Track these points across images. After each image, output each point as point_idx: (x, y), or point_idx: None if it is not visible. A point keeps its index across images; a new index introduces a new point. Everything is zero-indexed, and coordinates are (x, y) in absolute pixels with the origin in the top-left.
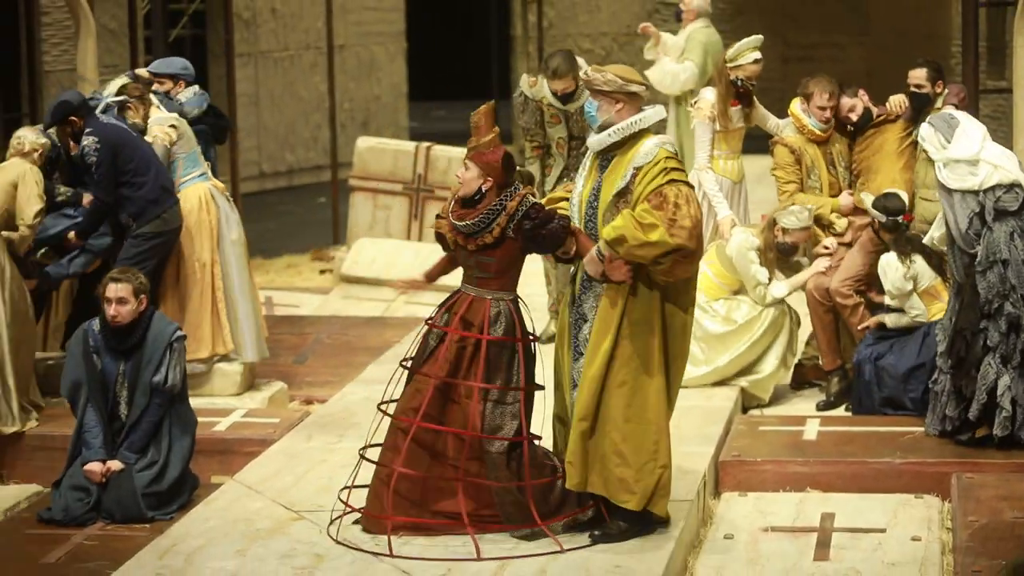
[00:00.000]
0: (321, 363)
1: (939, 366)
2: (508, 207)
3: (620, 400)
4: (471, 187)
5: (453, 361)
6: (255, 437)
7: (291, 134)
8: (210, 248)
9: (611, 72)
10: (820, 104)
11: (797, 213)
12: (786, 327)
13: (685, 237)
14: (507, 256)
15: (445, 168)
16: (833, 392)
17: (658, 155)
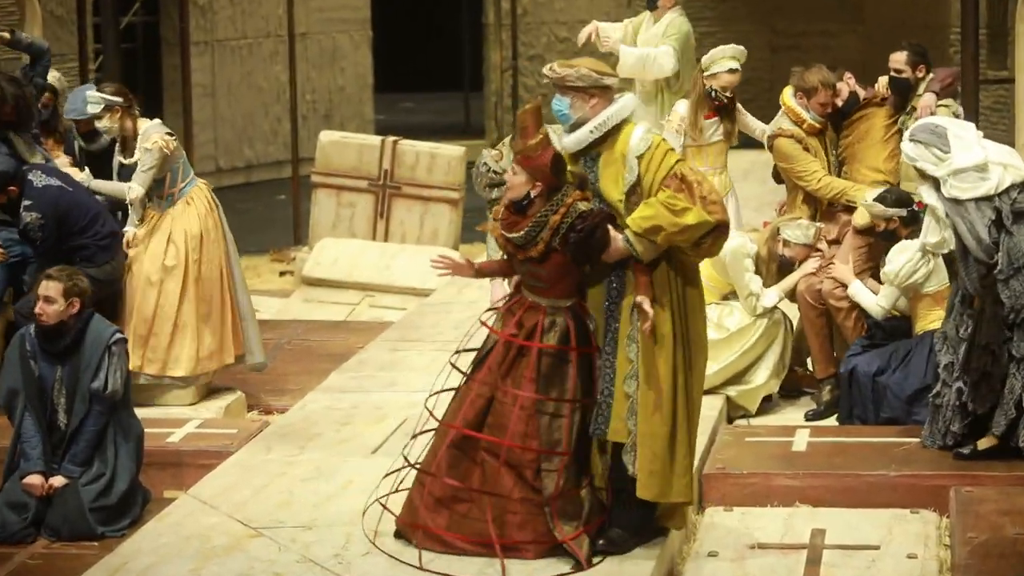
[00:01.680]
0: (281, 370)
1: (942, 378)
2: (551, 221)
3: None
4: (519, 192)
5: (503, 367)
6: (210, 449)
7: (250, 127)
8: (225, 250)
9: (582, 66)
10: (822, 100)
11: (804, 227)
12: (780, 337)
13: (721, 211)
14: (557, 268)
15: (413, 163)
16: (824, 401)
17: (654, 140)
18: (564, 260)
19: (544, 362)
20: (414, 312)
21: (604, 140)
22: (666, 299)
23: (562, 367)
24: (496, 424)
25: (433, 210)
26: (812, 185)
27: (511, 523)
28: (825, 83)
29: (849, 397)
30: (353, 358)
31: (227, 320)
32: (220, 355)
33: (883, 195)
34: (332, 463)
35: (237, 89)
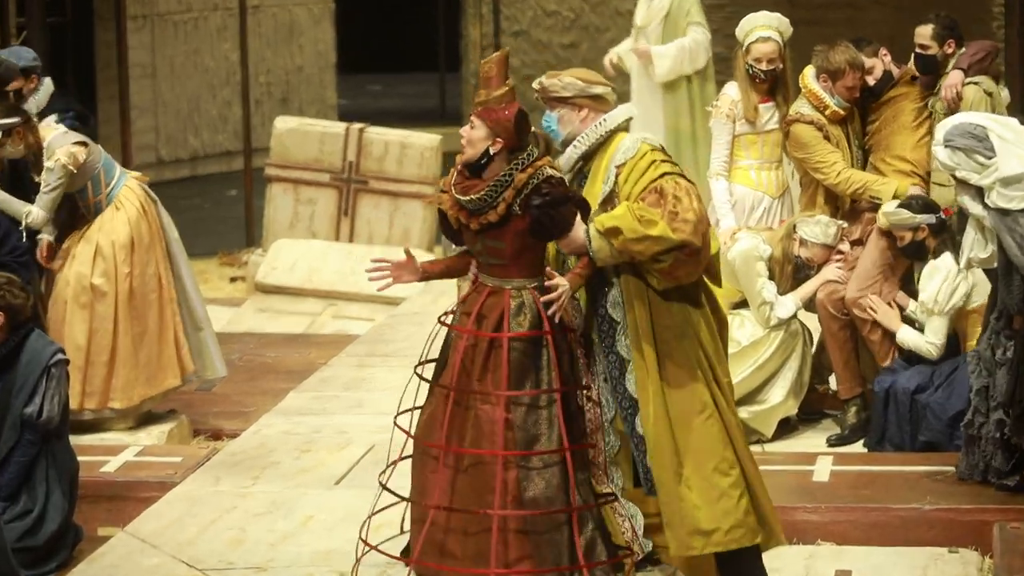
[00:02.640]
0: (232, 389)
1: (974, 404)
2: (516, 179)
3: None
4: (477, 148)
5: (469, 366)
6: (151, 480)
7: (195, 113)
8: (162, 257)
9: (568, 76)
10: (850, 84)
11: (824, 225)
12: (798, 351)
13: (689, 231)
14: (520, 237)
15: (381, 154)
16: (850, 424)
17: (640, 149)
18: (525, 229)
19: (515, 351)
20: (383, 323)
21: (594, 155)
22: (670, 320)
23: (537, 353)
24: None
25: (404, 207)
26: (830, 179)
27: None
28: (853, 64)
29: (883, 418)
30: (314, 376)
31: (167, 337)
32: (161, 378)
33: (907, 201)
34: (290, 496)
35: (181, 70)
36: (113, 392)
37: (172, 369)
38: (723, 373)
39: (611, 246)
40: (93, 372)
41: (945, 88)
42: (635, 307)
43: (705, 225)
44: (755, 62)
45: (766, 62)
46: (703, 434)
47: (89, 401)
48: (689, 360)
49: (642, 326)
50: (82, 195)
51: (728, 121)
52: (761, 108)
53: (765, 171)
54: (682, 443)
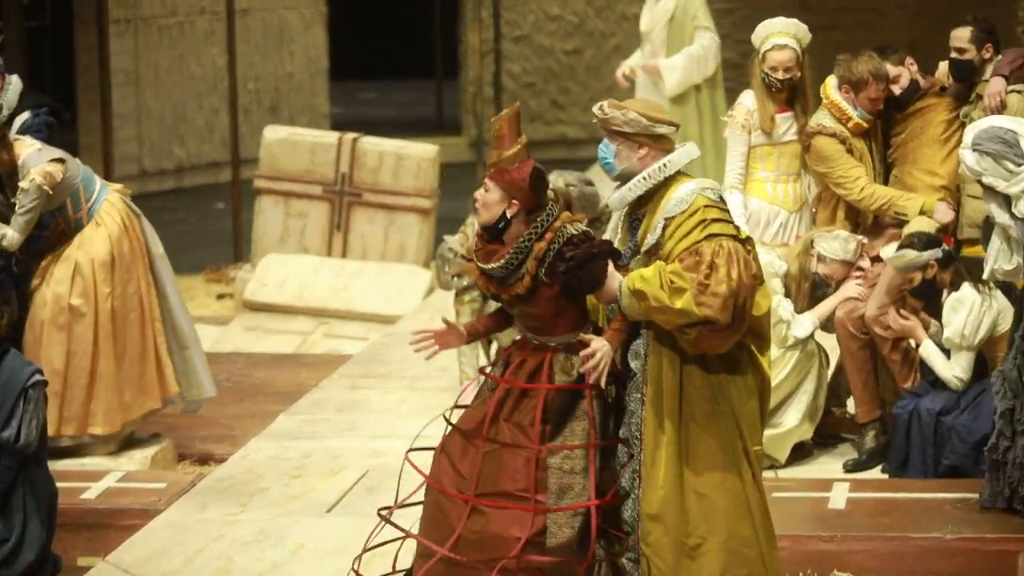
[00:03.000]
0: (219, 412)
1: (998, 427)
2: (536, 248)
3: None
4: (493, 212)
5: (501, 414)
6: (134, 507)
7: (181, 122)
8: (144, 273)
9: (633, 109)
10: (873, 96)
11: (843, 240)
12: (813, 373)
13: (717, 308)
14: (554, 302)
15: (376, 165)
16: (868, 449)
17: (695, 203)
18: (557, 292)
19: (553, 403)
20: (378, 343)
21: (651, 197)
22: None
23: (574, 406)
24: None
25: (400, 221)
26: (853, 194)
27: None
28: (877, 74)
29: (905, 442)
30: (305, 398)
31: (148, 358)
32: (141, 401)
33: (908, 241)
34: (279, 524)
35: (165, 76)
36: (93, 418)
37: (152, 391)
38: (755, 443)
39: (640, 306)
40: (72, 397)
41: (988, 96)
42: (663, 363)
43: (739, 299)
44: (771, 70)
45: (783, 71)
46: (717, 505)
47: (67, 427)
48: (716, 427)
49: (668, 384)
50: (61, 212)
51: (743, 132)
52: (778, 118)
53: (782, 184)
54: (693, 513)
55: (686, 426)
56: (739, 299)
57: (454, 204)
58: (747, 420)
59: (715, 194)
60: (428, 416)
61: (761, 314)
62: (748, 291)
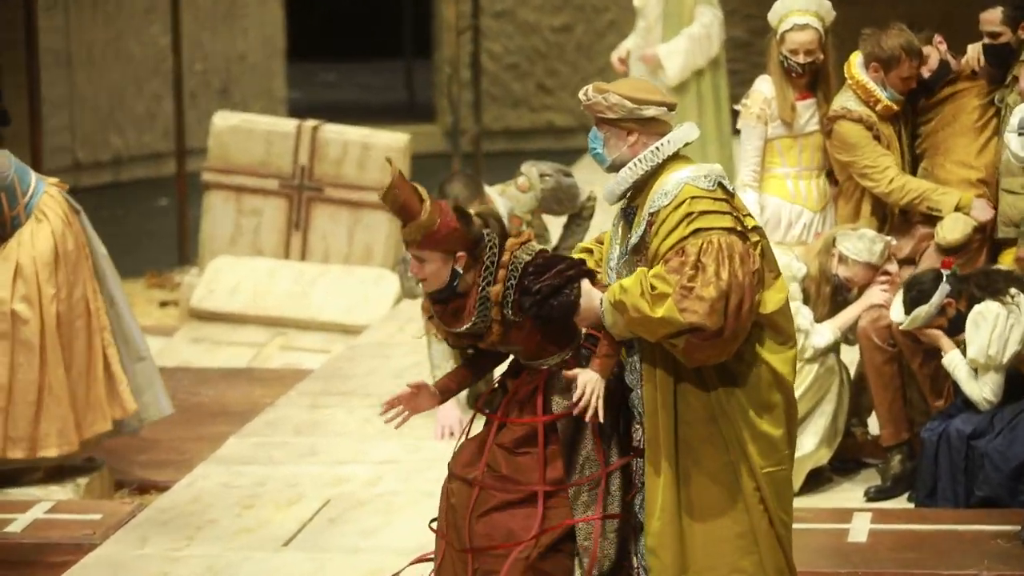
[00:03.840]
0: (161, 434)
1: None
2: (493, 294)
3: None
4: (442, 278)
5: (496, 455)
6: (65, 542)
7: (119, 109)
8: (90, 276)
9: (617, 92)
10: (906, 74)
11: (868, 240)
12: (833, 391)
13: (702, 313)
14: (535, 332)
15: (339, 156)
16: (893, 475)
17: (681, 194)
18: (532, 326)
19: (555, 431)
20: (341, 356)
21: (644, 186)
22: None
23: (580, 428)
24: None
25: (366, 220)
26: (881, 186)
27: None
28: (910, 50)
29: (933, 468)
30: (258, 418)
31: (95, 373)
32: (90, 421)
33: (911, 295)
34: (230, 560)
35: (101, 57)
36: (45, 438)
37: (101, 411)
38: (770, 463)
39: (623, 321)
40: (18, 414)
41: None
42: (656, 379)
43: (731, 301)
44: (791, 53)
45: (803, 53)
46: (718, 536)
47: (14, 450)
48: (715, 449)
49: (662, 402)
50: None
51: (759, 123)
52: (799, 106)
53: (804, 180)
54: (690, 542)
55: (683, 449)
56: (731, 301)
57: None
58: (758, 439)
59: (709, 181)
60: (396, 438)
61: (775, 309)
62: (745, 291)
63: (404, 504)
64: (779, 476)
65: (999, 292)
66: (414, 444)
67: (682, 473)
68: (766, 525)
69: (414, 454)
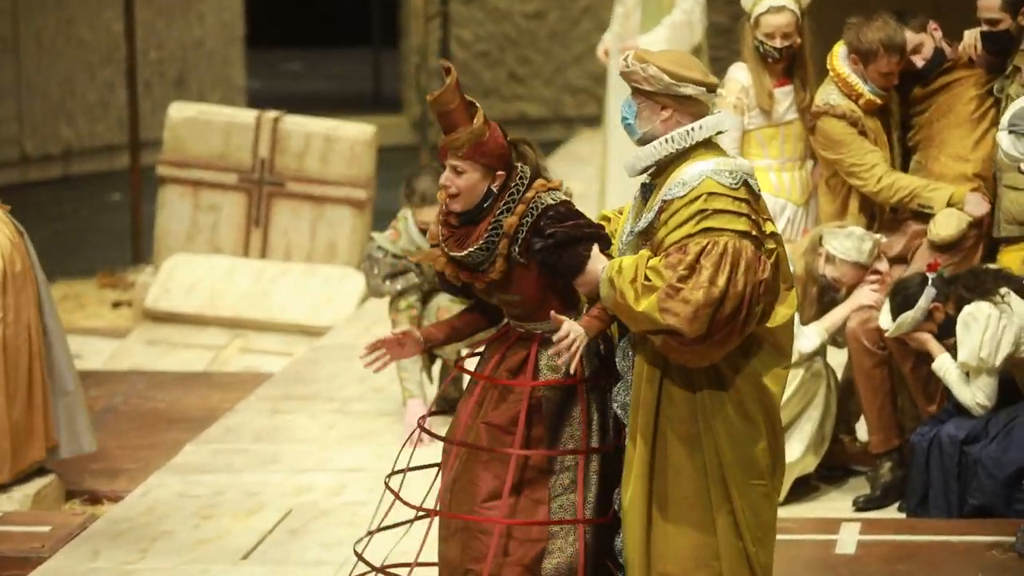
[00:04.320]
0: (114, 442)
1: None
2: (507, 224)
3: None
4: (477, 193)
5: (479, 419)
6: (12, 555)
7: (69, 98)
8: (35, 300)
9: (657, 63)
10: (886, 70)
11: (856, 238)
12: (820, 397)
13: (684, 318)
14: (535, 284)
15: (301, 150)
16: (882, 483)
17: (699, 187)
18: (538, 274)
19: (541, 405)
20: (303, 359)
21: (667, 168)
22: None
23: (568, 408)
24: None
25: (330, 215)
26: (869, 185)
27: None
28: (889, 45)
29: (925, 475)
30: (217, 424)
31: (36, 400)
32: (27, 449)
33: (897, 300)
34: (186, 573)
35: (51, 44)
36: None
37: (38, 440)
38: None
39: (613, 299)
40: None
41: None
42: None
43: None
44: (766, 38)
45: (780, 37)
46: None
47: None
48: (693, 452)
49: (644, 394)
50: None
51: (736, 113)
52: (777, 93)
53: (787, 172)
54: (657, 547)
55: (660, 445)
56: (724, 310)
57: (394, 195)
58: (738, 450)
59: (734, 178)
60: (362, 444)
61: (780, 324)
62: (744, 301)
63: (370, 514)
64: (757, 491)
65: (988, 292)
66: (381, 451)
67: (655, 470)
68: (733, 538)
69: (381, 461)
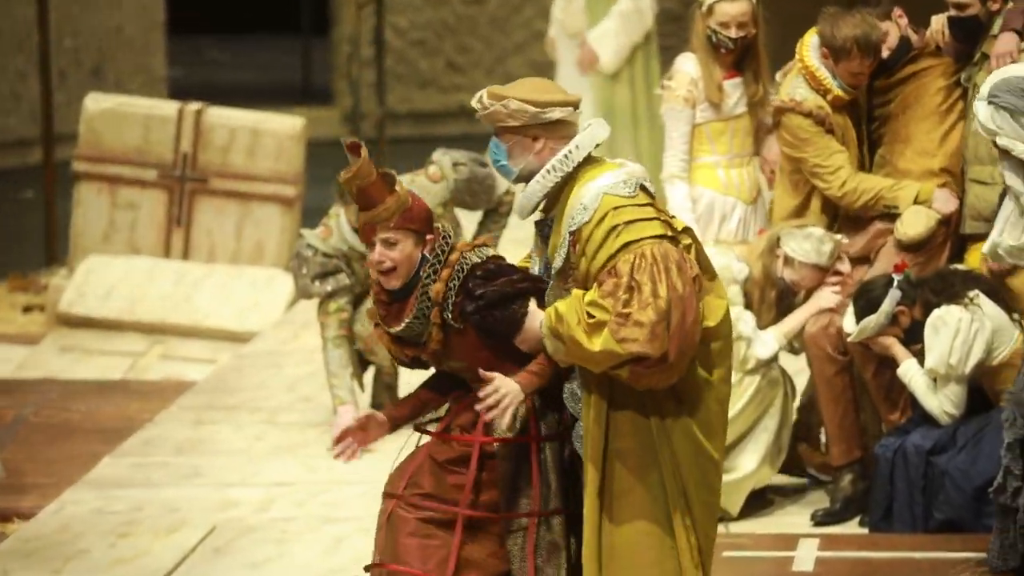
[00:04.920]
0: (25, 454)
1: (1007, 467)
2: (433, 292)
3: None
4: (413, 263)
5: (425, 477)
6: None
7: None
8: None
9: (516, 96)
10: (856, 70)
11: (816, 239)
12: (777, 405)
13: (644, 341)
14: (480, 346)
15: (226, 143)
16: (842, 496)
17: (601, 207)
18: (476, 337)
19: (496, 466)
20: (228, 366)
21: (558, 198)
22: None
23: (520, 467)
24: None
25: (257, 213)
26: (833, 189)
27: None
28: (864, 44)
29: (889, 488)
30: (136, 436)
31: None
32: None
33: (860, 304)
34: None
35: None
36: None
37: None
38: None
39: (563, 351)
40: None
41: (997, 57)
42: (592, 396)
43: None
44: (721, 27)
45: (736, 27)
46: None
47: None
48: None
49: (595, 416)
50: None
51: (686, 107)
52: (727, 86)
53: (736, 168)
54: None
55: (611, 474)
56: (674, 318)
57: (324, 192)
58: (701, 462)
59: (628, 187)
60: (291, 457)
61: (717, 322)
62: (687, 302)
63: (299, 531)
64: (713, 506)
65: (957, 296)
66: (310, 464)
67: (607, 501)
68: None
69: (310, 475)
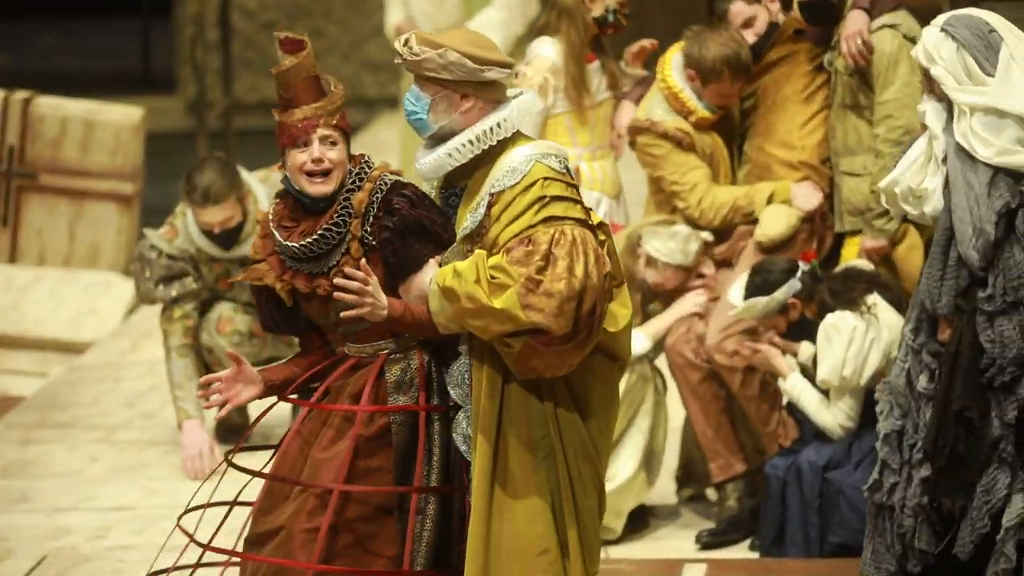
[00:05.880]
0: None
1: (884, 460)
2: (356, 201)
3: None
4: (345, 169)
5: (301, 451)
6: None
7: None
8: None
9: (456, 47)
10: (726, 91)
11: (680, 239)
12: (648, 401)
13: (550, 313)
14: (384, 288)
15: (57, 136)
16: (728, 516)
17: (531, 174)
18: (384, 274)
19: (386, 432)
20: (60, 380)
21: (475, 168)
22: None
23: (413, 437)
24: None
25: (91, 212)
26: (690, 208)
27: None
28: (735, 66)
29: (780, 508)
30: None
31: None
32: None
33: (755, 280)
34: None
35: None
36: None
37: None
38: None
39: (451, 310)
40: None
41: (847, 39)
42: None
43: (589, 302)
44: (620, 6)
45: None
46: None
47: None
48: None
49: (485, 408)
50: None
51: (541, 96)
52: (591, 69)
53: (599, 161)
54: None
55: (502, 466)
56: (584, 305)
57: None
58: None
59: (560, 163)
60: (130, 479)
61: (619, 330)
62: (598, 296)
63: (138, 561)
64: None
65: (854, 301)
66: (151, 487)
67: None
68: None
69: (151, 499)
